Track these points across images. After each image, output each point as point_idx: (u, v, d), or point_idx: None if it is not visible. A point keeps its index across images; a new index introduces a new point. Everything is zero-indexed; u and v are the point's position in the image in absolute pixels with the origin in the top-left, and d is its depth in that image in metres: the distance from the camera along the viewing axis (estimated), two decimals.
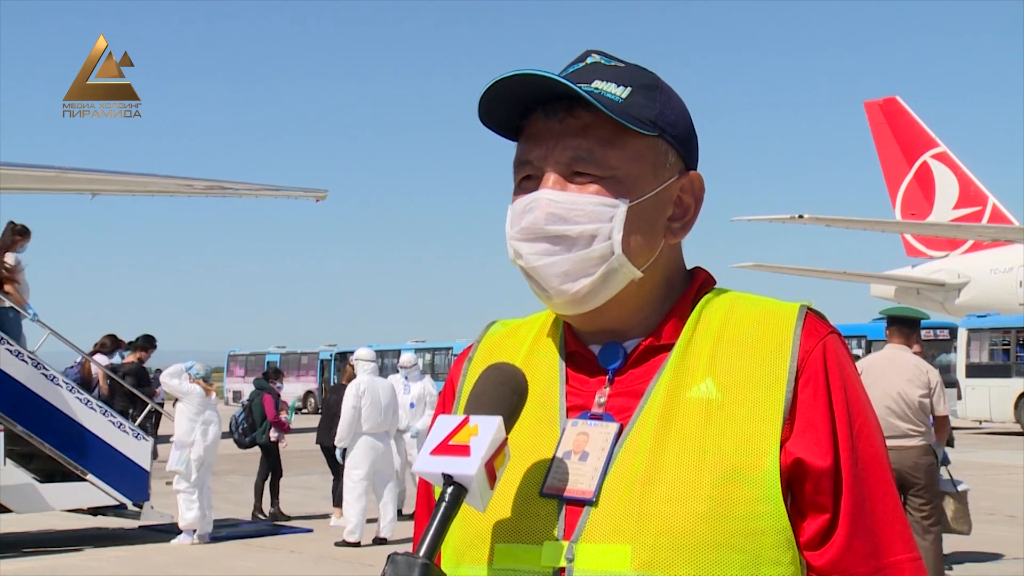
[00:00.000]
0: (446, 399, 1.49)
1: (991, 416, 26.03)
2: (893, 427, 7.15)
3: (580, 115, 1.34)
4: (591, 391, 1.37)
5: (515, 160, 1.40)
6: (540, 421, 1.36)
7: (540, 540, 1.28)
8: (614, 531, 1.25)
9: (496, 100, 1.35)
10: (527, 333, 1.48)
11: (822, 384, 1.31)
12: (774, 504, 1.26)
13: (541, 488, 1.31)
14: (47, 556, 10.50)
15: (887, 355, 7.49)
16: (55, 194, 18.16)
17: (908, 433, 7.20)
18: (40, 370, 11.10)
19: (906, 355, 7.41)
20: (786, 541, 1.27)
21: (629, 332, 1.39)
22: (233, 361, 48.46)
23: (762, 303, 1.39)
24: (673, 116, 1.39)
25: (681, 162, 1.41)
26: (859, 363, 7.61)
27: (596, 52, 1.42)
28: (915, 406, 7.21)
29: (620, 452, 1.30)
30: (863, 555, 1.29)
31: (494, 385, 1.30)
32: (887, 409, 7.17)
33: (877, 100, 38.37)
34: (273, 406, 13.48)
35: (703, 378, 1.32)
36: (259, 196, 18.52)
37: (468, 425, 1.24)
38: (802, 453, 1.28)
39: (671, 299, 1.40)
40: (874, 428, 1.35)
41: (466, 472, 1.21)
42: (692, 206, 1.42)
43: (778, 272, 38.28)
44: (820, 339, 1.33)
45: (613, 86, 1.35)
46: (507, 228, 1.38)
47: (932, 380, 7.29)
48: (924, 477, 7.21)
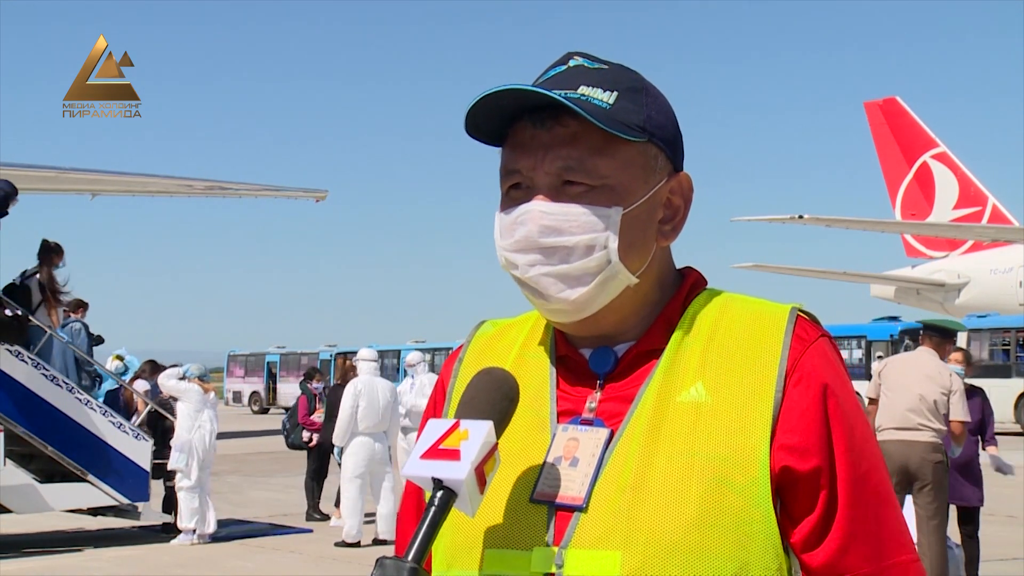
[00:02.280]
0: (436, 400, 1.49)
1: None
2: (906, 419, 7.24)
3: (568, 123, 1.32)
4: (582, 396, 1.36)
5: (502, 168, 1.38)
6: (530, 426, 1.35)
7: (530, 546, 1.28)
8: (603, 537, 1.25)
9: (482, 111, 1.33)
10: (517, 334, 1.47)
11: (812, 387, 1.30)
12: (763, 510, 1.25)
13: (531, 494, 1.31)
14: (47, 556, 10.50)
15: (913, 355, 7.66)
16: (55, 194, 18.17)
17: (919, 427, 7.24)
18: (40, 370, 11.09)
19: (932, 358, 7.52)
20: (775, 547, 1.27)
21: (621, 336, 1.38)
22: (233, 361, 48.42)
23: (753, 305, 1.38)
24: (661, 119, 1.38)
25: (670, 164, 1.39)
26: (885, 360, 7.75)
27: (578, 54, 1.39)
28: (930, 403, 7.26)
29: (610, 458, 1.29)
30: (861, 557, 1.29)
31: (485, 390, 1.29)
32: (902, 402, 7.26)
33: (877, 100, 38.36)
34: (305, 407, 13.49)
35: (693, 382, 1.31)
36: (259, 196, 18.55)
37: (458, 429, 1.24)
38: (792, 457, 1.27)
39: (662, 302, 1.40)
40: (867, 430, 1.34)
41: (456, 476, 1.20)
42: (682, 207, 1.41)
43: (778, 272, 38.28)
44: (811, 342, 1.33)
45: (599, 91, 1.33)
46: (497, 238, 1.37)
47: (953, 384, 7.37)
48: (931, 474, 7.22)
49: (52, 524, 12.01)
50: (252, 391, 46.01)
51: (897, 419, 7.29)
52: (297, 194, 18.80)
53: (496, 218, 1.38)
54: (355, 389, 11.05)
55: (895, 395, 7.35)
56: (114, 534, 11.74)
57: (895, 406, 7.33)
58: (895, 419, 7.30)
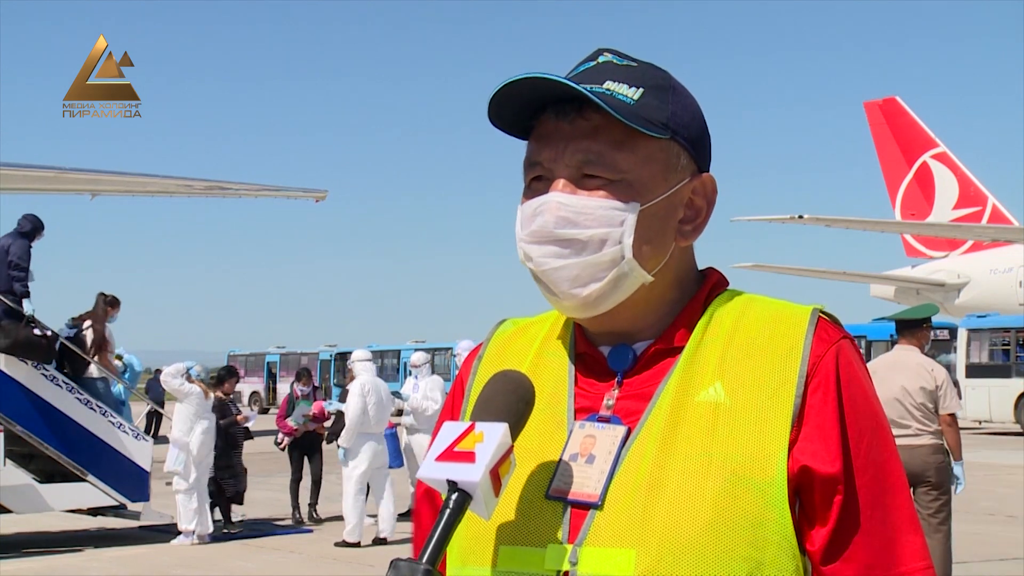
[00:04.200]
0: (455, 397, 1.48)
1: (991, 416, 25.99)
2: (901, 426, 7.17)
3: (591, 117, 1.32)
4: (600, 393, 1.36)
5: (525, 161, 1.38)
6: (548, 423, 1.35)
7: (544, 543, 1.27)
8: (618, 535, 1.24)
9: (506, 100, 1.33)
10: (537, 332, 1.47)
11: (832, 390, 1.29)
12: (780, 512, 1.25)
13: (547, 490, 1.30)
14: (47, 556, 10.49)
15: (893, 356, 7.50)
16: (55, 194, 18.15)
17: (917, 432, 7.20)
18: (40, 370, 11.10)
19: (912, 355, 7.41)
20: (790, 549, 1.26)
21: (639, 334, 1.37)
22: (233, 361, 48.39)
23: (774, 306, 1.37)
24: (686, 118, 1.37)
25: (693, 164, 1.39)
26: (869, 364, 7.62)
27: (608, 51, 1.39)
28: (921, 405, 7.22)
29: (627, 456, 1.29)
30: (875, 563, 1.28)
31: (501, 392, 1.29)
32: (894, 409, 7.17)
33: (877, 100, 38.36)
34: (284, 409, 13.38)
35: (712, 382, 1.31)
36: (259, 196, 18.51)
37: (474, 432, 1.23)
38: (810, 459, 1.26)
39: (682, 302, 1.39)
40: (887, 434, 1.33)
41: (471, 479, 1.20)
42: (704, 208, 1.40)
43: (778, 272, 38.28)
44: (832, 344, 1.32)
45: (625, 87, 1.33)
46: (517, 230, 1.37)
47: (938, 378, 7.28)
48: (935, 475, 7.20)
49: (52, 524, 12.00)
50: (252, 391, 45.97)
51: (894, 427, 7.18)
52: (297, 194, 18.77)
53: (518, 210, 1.38)
54: (362, 389, 11.03)
55: (886, 404, 7.25)
56: (114, 534, 11.73)
57: (889, 416, 7.25)
58: (892, 427, 7.22)
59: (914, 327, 7.55)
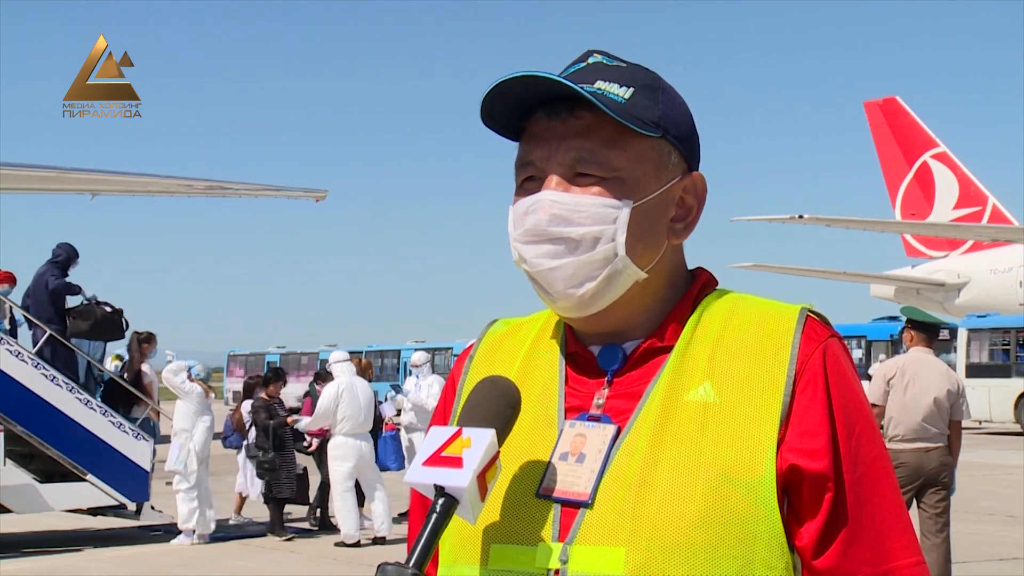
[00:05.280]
0: (447, 397, 1.49)
1: (991, 416, 26.01)
2: (925, 430, 7.15)
3: (583, 115, 1.33)
4: (590, 392, 1.36)
5: (517, 161, 1.39)
6: (538, 422, 1.36)
7: (535, 541, 1.28)
8: (608, 534, 1.25)
9: (498, 101, 1.34)
10: (528, 332, 1.48)
11: (821, 388, 1.30)
12: (769, 509, 1.25)
13: (537, 489, 1.31)
14: (47, 556, 10.50)
15: (920, 358, 7.40)
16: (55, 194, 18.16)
17: (936, 437, 7.21)
18: (40, 370, 11.10)
19: (934, 358, 7.47)
20: (780, 546, 1.26)
21: (630, 333, 1.38)
22: (233, 361, 48.43)
23: (763, 305, 1.38)
24: (676, 116, 1.39)
25: (684, 163, 1.40)
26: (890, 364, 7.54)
27: (598, 52, 1.41)
28: (946, 411, 7.24)
29: (617, 454, 1.29)
30: (864, 560, 1.28)
31: (488, 397, 1.30)
32: (919, 412, 7.15)
33: (877, 100, 38.37)
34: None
35: (701, 381, 1.31)
36: (259, 196, 18.52)
37: (461, 437, 1.24)
38: (799, 457, 1.27)
39: (672, 300, 1.40)
40: (875, 432, 1.34)
41: (458, 484, 1.21)
42: (695, 207, 1.42)
43: (778, 272, 38.29)
44: (820, 343, 1.33)
45: (616, 87, 1.34)
46: (510, 230, 1.38)
47: (960, 386, 7.34)
48: (948, 478, 7.25)
49: (52, 524, 12.01)
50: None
51: (914, 430, 7.16)
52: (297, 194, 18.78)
53: (510, 211, 1.38)
54: (337, 389, 11.08)
55: (918, 407, 7.18)
56: (114, 534, 11.74)
57: (911, 416, 7.18)
58: (912, 430, 7.16)
59: (931, 331, 7.57)
